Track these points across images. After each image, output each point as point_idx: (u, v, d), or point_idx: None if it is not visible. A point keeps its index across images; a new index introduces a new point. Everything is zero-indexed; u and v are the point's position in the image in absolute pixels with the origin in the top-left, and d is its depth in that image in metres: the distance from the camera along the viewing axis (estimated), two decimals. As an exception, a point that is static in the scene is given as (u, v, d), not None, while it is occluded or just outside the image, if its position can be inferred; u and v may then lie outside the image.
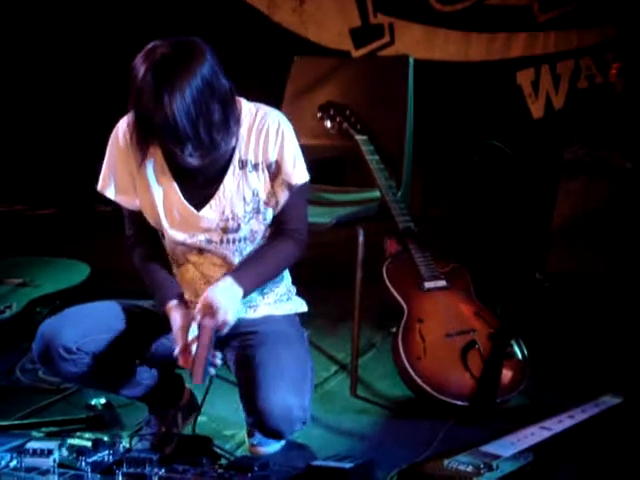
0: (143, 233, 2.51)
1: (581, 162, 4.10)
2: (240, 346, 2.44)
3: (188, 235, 2.44)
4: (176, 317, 2.35)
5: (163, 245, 2.53)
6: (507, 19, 5.46)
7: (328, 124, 3.34)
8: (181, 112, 2.16)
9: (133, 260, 2.52)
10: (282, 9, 5.85)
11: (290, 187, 2.44)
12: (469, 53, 5.55)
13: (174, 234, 2.44)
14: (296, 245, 2.49)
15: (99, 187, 2.49)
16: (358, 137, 3.27)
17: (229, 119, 2.29)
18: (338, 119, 3.33)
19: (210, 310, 2.32)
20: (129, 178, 2.45)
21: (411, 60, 3.40)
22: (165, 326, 2.43)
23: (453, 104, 5.50)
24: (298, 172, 2.44)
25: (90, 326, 2.41)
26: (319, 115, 3.36)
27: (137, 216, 2.49)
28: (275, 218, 2.47)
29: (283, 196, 2.44)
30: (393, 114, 3.41)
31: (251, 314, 2.51)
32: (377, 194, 3.21)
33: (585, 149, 4.15)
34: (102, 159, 2.50)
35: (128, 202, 2.48)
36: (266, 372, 2.30)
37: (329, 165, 2.84)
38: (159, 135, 2.24)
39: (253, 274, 2.43)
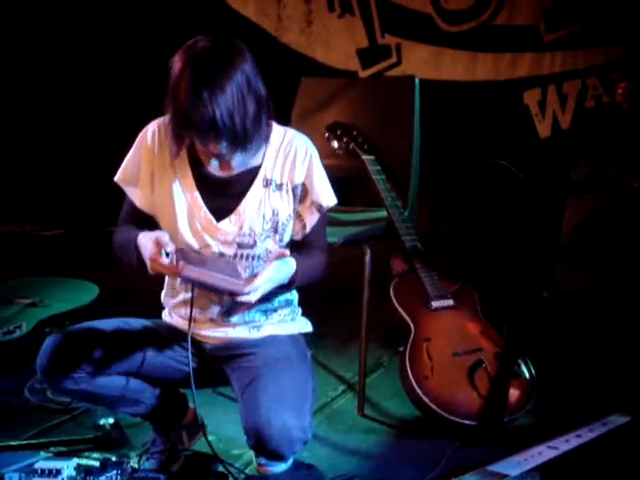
0: (135, 227, 2.49)
1: (587, 181, 4.11)
2: (242, 367, 2.44)
3: (203, 244, 2.45)
4: (146, 243, 2.31)
5: None
6: (513, 39, 5.48)
7: (335, 144, 3.36)
8: (220, 104, 2.19)
9: (113, 241, 2.49)
10: (290, 30, 5.90)
11: (320, 209, 2.48)
12: (476, 73, 5.57)
13: (189, 241, 2.44)
14: (325, 258, 2.54)
15: (117, 178, 2.49)
16: (365, 157, 3.28)
17: (262, 117, 2.31)
18: (345, 139, 3.34)
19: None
20: (149, 178, 2.46)
21: (417, 80, 3.42)
22: (168, 344, 2.47)
23: (460, 124, 5.52)
24: (329, 195, 2.50)
25: (92, 343, 2.42)
26: (326, 135, 3.38)
27: (139, 215, 2.49)
28: (303, 238, 2.50)
29: (313, 218, 2.49)
30: (400, 134, 3.42)
31: (255, 334, 2.51)
32: (384, 214, 3.22)
33: (591, 168, 4.15)
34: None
35: (140, 199, 2.48)
36: (265, 395, 2.30)
37: (336, 185, 2.84)
38: (195, 129, 2.24)
39: (307, 271, 2.45)
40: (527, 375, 3.00)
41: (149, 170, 2.46)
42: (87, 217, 5.93)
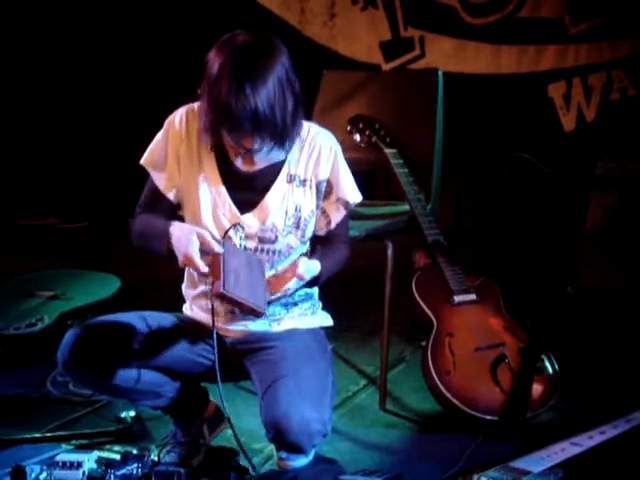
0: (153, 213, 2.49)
1: (612, 175, 4.07)
2: (261, 361, 2.44)
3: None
4: (180, 235, 2.30)
5: None
6: (538, 31, 5.43)
7: (357, 137, 3.34)
8: (261, 96, 2.20)
9: (132, 226, 2.49)
10: (313, 23, 5.87)
11: (347, 206, 2.50)
12: (500, 66, 5.53)
13: (212, 232, 2.43)
14: (348, 252, 2.56)
15: (143, 161, 2.48)
16: (387, 150, 3.27)
17: (299, 113, 2.33)
18: (367, 132, 3.33)
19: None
20: (175, 162, 2.45)
21: (440, 73, 3.40)
22: (189, 337, 2.47)
23: (484, 117, 5.49)
24: (355, 191, 2.52)
25: (113, 336, 2.42)
26: (348, 128, 3.37)
27: (160, 202, 2.48)
28: (327, 233, 2.52)
29: (339, 215, 2.51)
30: (422, 127, 3.41)
31: (275, 327, 2.51)
32: (406, 207, 3.21)
33: (616, 162, 4.11)
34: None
35: (165, 183, 2.46)
36: (285, 388, 2.30)
37: (359, 178, 2.84)
38: (235, 122, 2.23)
39: (330, 269, 2.47)
40: (550, 370, 2.98)
41: (176, 155, 2.45)
42: (110, 210, 5.94)
